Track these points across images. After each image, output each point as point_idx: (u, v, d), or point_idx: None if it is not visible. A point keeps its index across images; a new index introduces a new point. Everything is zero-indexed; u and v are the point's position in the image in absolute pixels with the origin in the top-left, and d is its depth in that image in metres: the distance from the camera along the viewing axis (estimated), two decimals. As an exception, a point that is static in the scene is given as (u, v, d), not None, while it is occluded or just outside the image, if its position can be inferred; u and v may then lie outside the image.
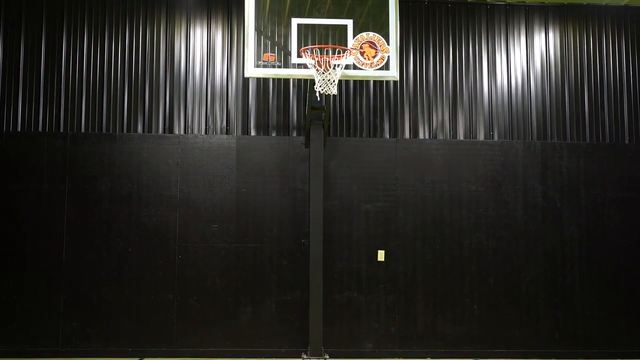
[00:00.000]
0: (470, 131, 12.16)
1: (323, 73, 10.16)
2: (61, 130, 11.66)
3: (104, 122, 11.76)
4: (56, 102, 11.73)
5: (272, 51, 10.66)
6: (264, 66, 10.66)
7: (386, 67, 10.69)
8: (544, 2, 12.45)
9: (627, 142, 12.24)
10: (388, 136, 12.02)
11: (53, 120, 11.68)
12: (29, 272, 11.27)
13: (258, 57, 10.65)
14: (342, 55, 10.26)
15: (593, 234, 11.90)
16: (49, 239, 11.33)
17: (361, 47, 10.57)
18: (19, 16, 11.82)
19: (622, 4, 12.50)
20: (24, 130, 11.60)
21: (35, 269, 11.27)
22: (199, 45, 12.03)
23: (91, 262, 11.34)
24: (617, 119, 12.33)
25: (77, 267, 11.31)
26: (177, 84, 11.94)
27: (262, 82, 11.93)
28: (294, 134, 11.92)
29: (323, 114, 11.11)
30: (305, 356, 10.82)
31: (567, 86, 12.36)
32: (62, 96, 11.75)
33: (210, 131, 11.86)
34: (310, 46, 10.35)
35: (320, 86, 10.20)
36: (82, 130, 11.70)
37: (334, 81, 10.16)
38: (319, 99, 10.77)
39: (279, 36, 10.70)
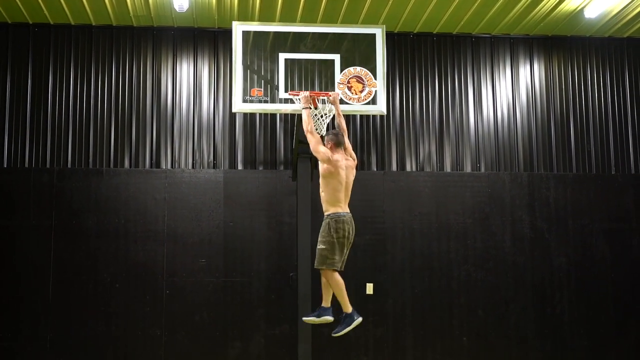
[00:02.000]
0: (457, 163, 12.19)
1: (313, 110, 10.13)
2: (47, 165, 11.62)
3: (91, 157, 11.73)
4: (42, 138, 11.70)
5: (259, 86, 10.67)
6: (251, 101, 10.65)
7: (373, 101, 10.70)
8: (528, 35, 12.53)
9: (613, 172, 12.30)
10: (375, 169, 12.04)
11: (39, 156, 11.64)
12: (16, 309, 11.17)
13: (245, 92, 10.64)
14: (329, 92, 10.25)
15: (581, 265, 11.92)
16: (35, 275, 11.25)
17: (348, 82, 10.60)
18: (5, 51, 11.81)
19: (606, 35, 12.60)
20: (10, 165, 11.56)
21: (22, 305, 11.18)
22: (185, 80, 12.04)
23: (78, 298, 11.27)
24: (603, 150, 12.39)
25: (64, 303, 11.22)
26: (164, 119, 11.93)
27: (250, 117, 11.94)
28: (282, 167, 11.92)
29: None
30: (294, 391, 10.76)
31: (552, 117, 12.42)
32: (49, 131, 11.72)
33: (198, 165, 11.84)
34: (296, 90, 10.25)
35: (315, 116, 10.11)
36: (69, 165, 11.66)
37: (325, 121, 10.09)
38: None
39: (266, 71, 10.71)
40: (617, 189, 12.17)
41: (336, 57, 10.63)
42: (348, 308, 8.61)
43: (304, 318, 8.83)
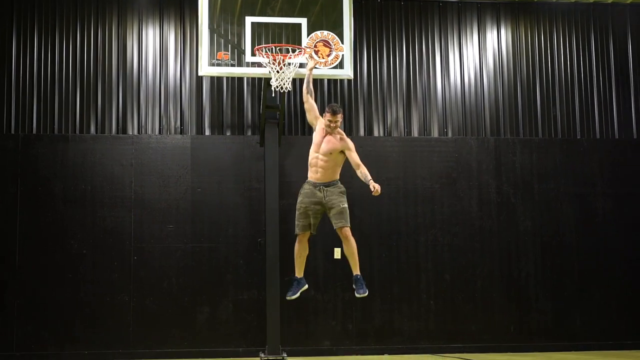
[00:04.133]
0: (425, 128, 12.24)
1: (277, 72, 10.15)
2: (12, 131, 11.51)
3: (56, 123, 11.63)
4: (7, 103, 11.57)
5: (226, 50, 10.64)
6: (218, 65, 10.63)
7: (340, 65, 10.71)
8: (495, 0, 12.56)
9: (578, 137, 12.41)
10: (343, 134, 12.02)
11: (4, 122, 11.52)
12: (-18, 276, 11.12)
13: (212, 55, 10.61)
14: (297, 54, 10.26)
15: (547, 229, 12.04)
16: (1, 242, 11.17)
17: (315, 46, 10.58)
18: (-32, 16, 11.65)
19: (572, 0, 12.65)
20: (-26, 132, 11.45)
21: (-13, 272, 11.13)
22: (151, 45, 11.95)
23: (45, 265, 11.21)
24: (569, 115, 12.49)
25: (31, 270, 11.16)
26: (130, 84, 11.85)
27: (216, 81, 11.89)
28: (249, 132, 11.89)
29: (278, 113, 11.10)
30: (263, 355, 10.80)
31: (519, 83, 12.49)
32: (13, 97, 11.60)
33: (165, 131, 11.79)
34: (264, 45, 10.34)
35: (275, 80, 10.16)
36: (34, 131, 11.55)
37: (288, 79, 10.16)
38: (273, 94, 10.75)
39: (233, 35, 10.67)
40: (583, 153, 12.28)
41: (303, 21, 10.62)
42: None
43: (287, 297, 9.03)
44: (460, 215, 11.97)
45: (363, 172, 8.91)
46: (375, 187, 8.66)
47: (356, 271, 9.03)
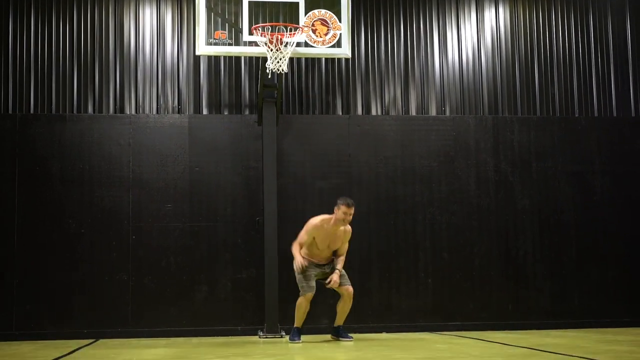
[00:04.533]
0: (422, 107, 12.23)
1: (275, 51, 10.15)
2: (10, 111, 11.50)
3: (54, 103, 11.62)
4: (4, 83, 11.56)
5: (223, 29, 10.62)
6: (215, 44, 10.62)
7: (338, 44, 10.71)
8: (493, -22, 12.54)
9: (577, 115, 12.40)
10: (340, 113, 12.05)
11: (1, 102, 11.51)
12: (-20, 256, 11.14)
13: (209, 34, 10.60)
14: (294, 33, 10.24)
15: (544, 207, 12.06)
16: (0, 222, 11.19)
17: (313, 25, 10.57)
18: (-36, -4, 11.61)
19: (571, -22, 12.62)
20: (-29, 112, 11.44)
21: (-14, 252, 11.15)
22: (148, 24, 11.92)
23: (44, 245, 11.23)
24: (567, 93, 12.48)
25: (30, 250, 11.19)
26: (127, 64, 11.83)
27: (214, 61, 11.87)
28: (247, 112, 11.89)
29: (275, 92, 11.10)
30: (261, 333, 10.85)
31: (517, 61, 12.47)
32: (10, 77, 11.58)
33: (162, 110, 11.78)
34: (261, 24, 10.33)
35: (272, 63, 10.20)
36: (32, 111, 11.55)
37: (285, 59, 10.16)
38: (270, 76, 10.76)
39: (230, 14, 10.66)
40: (581, 132, 12.28)
41: (301, 0, 10.59)
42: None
43: (293, 342, 9.94)
44: (458, 193, 11.98)
45: (339, 260, 9.94)
46: (332, 277, 9.75)
47: (341, 323, 10.09)
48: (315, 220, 9.76)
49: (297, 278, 9.79)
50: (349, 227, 9.82)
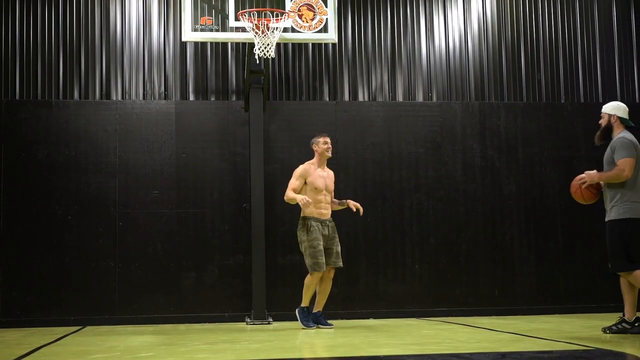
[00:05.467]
0: (409, 93, 12.24)
1: (262, 36, 10.12)
2: (-5, 97, 11.46)
3: (39, 89, 11.57)
4: (-11, 69, 11.51)
5: (210, 15, 10.59)
6: (202, 30, 10.59)
7: (324, 29, 10.70)
8: (480, -37, 12.52)
9: (563, 101, 12.44)
10: (328, 99, 12.04)
11: (-14, 88, 11.46)
12: (-34, 243, 11.10)
13: (195, 20, 10.57)
14: (280, 18, 10.22)
15: (531, 193, 12.10)
16: (-15, 208, 11.16)
17: (299, 10, 10.54)
18: (-52, -19, 11.52)
19: (557, -36, 12.62)
20: (-44, 98, 11.37)
21: (-28, 239, 11.11)
22: (134, 10, 11.87)
23: (30, 231, 11.20)
24: (553, 79, 12.51)
25: (16, 237, 11.16)
26: (114, 49, 11.78)
27: (200, 46, 11.83)
28: (234, 98, 11.87)
29: (262, 78, 11.08)
30: (248, 320, 10.86)
31: (503, 47, 12.49)
32: (-5, 63, 11.53)
33: (149, 96, 11.75)
34: (248, 9, 10.30)
35: (259, 49, 10.18)
36: (17, 97, 11.50)
37: (272, 44, 10.14)
38: (257, 62, 10.74)
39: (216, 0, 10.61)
40: (567, 117, 12.32)
41: (287, -15, 10.57)
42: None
43: (308, 327, 9.67)
44: (444, 179, 12.00)
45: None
46: (355, 205, 9.91)
47: (320, 308, 9.85)
48: (301, 166, 9.83)
49: (307, 253, 9.53)
50: (331, 171, 10.04)
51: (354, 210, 9.85)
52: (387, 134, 11.95)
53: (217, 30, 10.58)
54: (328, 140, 9.82)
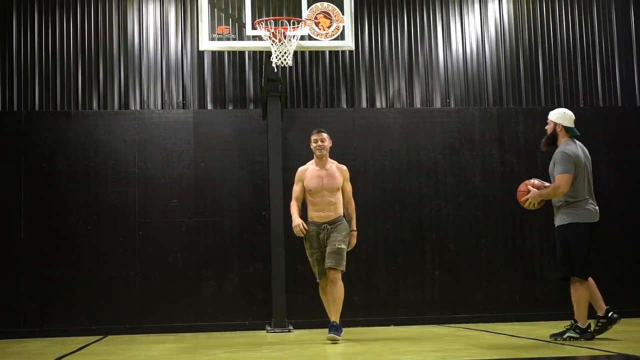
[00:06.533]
0: (427, 99, 12.22)
1: (279, 45, 10.15)
2: (15, 109, 11.52)
3: (58, 100, 11.64)
4: (8, 81, 11.58)
5: (227, 24, 10.63)
6: (219, 39, 10.63)
7: (341, 37, 10.71)
8: (496, -32, 12.50)
9: (581, 105, 12.38)
10: (345, 106, 12.04)
11: (6, 99, 11.53)
12: (-12, 254, 11.17)
13: (212, 30, 10.61)
14: (297, 27, 10.24)
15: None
16: (6, 219, 11.21)
17: (316, 18, 10.56)
18: (-33, -6, 11.62)
19: (574, -32, 12.59)
20: (-24, 110, 11.46)
21: (-7, 250, 11.17)
22: (152, 20, 11.92)
23: (51, 241, 11.26)
24: (572, 83, 12.45)
25: (37, 247, 11.21)
26: (132, 60, 11.84)
27: (218, 55, 11.86)
28: (251, 106, 11.89)
29: (280, 86, 11.10)
30: (269, 328, 10.86)
31: (521, 52, 12.45)
32: (14, 74, 11.60)
33: (167, 106, 11.79)
34: (264, 18, 10.33)
35: (276, 57, 10.20)
36: (37, 108, 11.56)
37: (289, 52, 10.16)
38: (275, 70, 10.77)
39: (233, 8, 10.66)
40: (585, 121, 12.22)
41: (304, -7, 10.60)
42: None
43: (336, 337, 8.62)
44: (463, 185, 11.97)
45: (351, 211, 9.15)
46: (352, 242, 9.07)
47: (335, 318, 8.74)
48: (299, 168, 9.23)
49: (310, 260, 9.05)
50: (342, 166, 9.11)
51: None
52: (405, 141, 11.93)
53: (234, 39, 10.62)
54: (319, 137, 8.95)
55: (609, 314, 8.20)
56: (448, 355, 6.81)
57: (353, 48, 10.99)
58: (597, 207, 8.36)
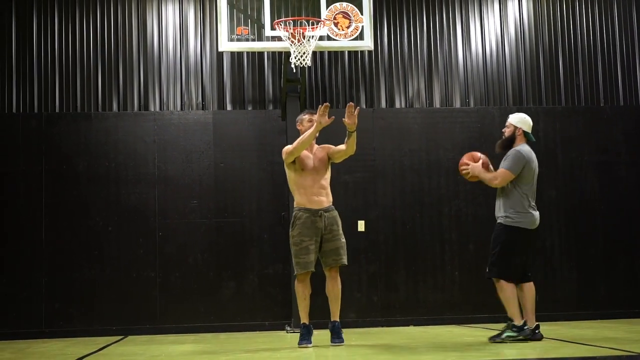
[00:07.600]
0: (447, 99, 12.19)
1: (298, 45, 10.15)
2: (35, 110, 11.58)
3: (79, 102, 11.70)
4: (29, 83, 11.64)
5: (246, 24, 10.63)
6: (238, 40, 10.64)
7: (360, 37, 10.69)
8: (516, -33, 12.46)
9: (602, 105, 12.31)
10: (364, 106, 12.03)
11: (27, 101, 11.60)
12: (10, 255, 11.22)
13: (231, 31, 10.62)
14: (316, 27, 10.24)
15: (571, 198, 11.98)
16: (27, 221, 11.28)
17: (335, 18, 10.56)
18: (-12, -4, 11.69)
19: (594, -33, 12.52)
20: (-3, 112, 11.53)
21: (15, 251, 11.23)
22: (171, 21, 11.96)
23: (71, 242, 11.32)
24: (592, 83, 12.38)
25: (58, 248, 11.28)
26: (151, 61, 11.88)
27: (237, 56, 11.89)
28: (270, 107, 11.91)
29: (299, 86, 11.10)
30: (289, 328, 10.87)
31: (541, 51, 12.39)
32: (35, 76, 11.66)
33: (186, 107, 11.82)
34: (283, 18, 10.34)
35: (295, 58, 10.20)
36: (57, 110, 11.63)
37: (308, 53, 10.16)
38: (294, 70, 10.78)
39: (252, 9, 10.66)
40: (606, 121, 12.19)
41: (322, -7, 10.59)
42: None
43: (302, 347, 8.23)
44: (483, 185, 11.84)
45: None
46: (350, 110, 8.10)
47: (336, 317, 8.57)
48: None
49: (292, 251, 8.34)
50: (323, 145, 8.59)
51: (354, 112, 8.15)
52: (425, 141, 11.91)
53: (253, 40, 10.63)
54: (314, 118, 8.21)
55: (537, 330, 8.15)
56: (468, 356, 6.79)
57: (372, 48, 10.97)
58: (538, 213, 8.49)
